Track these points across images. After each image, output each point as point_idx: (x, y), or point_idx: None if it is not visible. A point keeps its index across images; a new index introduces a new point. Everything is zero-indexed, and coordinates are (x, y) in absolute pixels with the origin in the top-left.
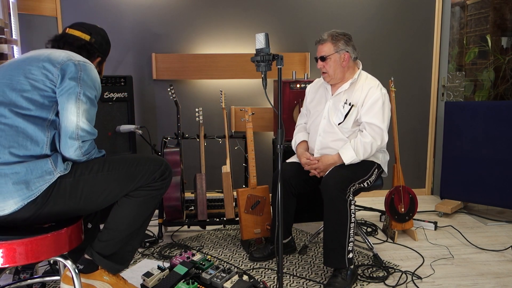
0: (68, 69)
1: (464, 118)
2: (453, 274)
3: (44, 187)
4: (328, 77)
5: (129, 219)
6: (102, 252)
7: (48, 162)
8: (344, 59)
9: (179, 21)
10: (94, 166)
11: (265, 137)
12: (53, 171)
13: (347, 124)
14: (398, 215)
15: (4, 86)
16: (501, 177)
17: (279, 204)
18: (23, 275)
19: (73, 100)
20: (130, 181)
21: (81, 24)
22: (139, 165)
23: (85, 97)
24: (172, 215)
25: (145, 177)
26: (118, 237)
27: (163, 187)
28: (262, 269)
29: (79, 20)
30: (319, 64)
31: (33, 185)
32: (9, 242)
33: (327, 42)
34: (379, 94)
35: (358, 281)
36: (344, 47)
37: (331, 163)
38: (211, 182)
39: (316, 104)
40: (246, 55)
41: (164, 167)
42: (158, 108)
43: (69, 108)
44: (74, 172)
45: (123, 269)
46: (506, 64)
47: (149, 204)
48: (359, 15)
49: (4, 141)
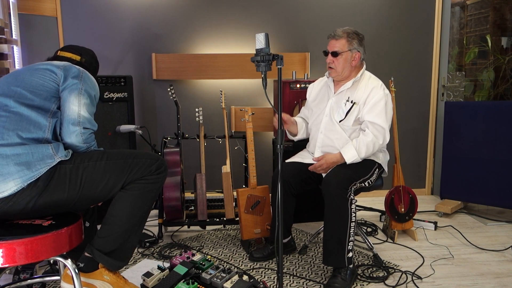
0: (71, 70)
1: (464, 118)
2: (453, 274)
3: (44, 170)
4: (335, 72)
5: (127, 213)
6: (102, 249)
7: (49, 148)
8: (354, 59)
9: (179, 21)
10: (94, 155)
11: (265, 137)
12: (53, 155)
13: (348, 122)
14: (398, 215)
15: (10, 84)
16: (501, 177)
17: (279, 204)
18: (23, 275)
19: (75, 93)
20: (127, 172)
21: (71, 46)
22: (137, 157)
23: (86, 93)
24: (172, 215)
25: (142, 169)
26: (117, 232)
27: (159, 181)
28: (262, 269)
29: (79, 20)
30: (329, 58)
31: (34, 167)
32: (9, 242)
33: (342, 39)
34: (382, 94)
35: (358, 281)
36: (357, 46)
37: (333, 162)
38: (211, 182)
39: (319, 102)
40: (246, 55)
41: (160, 162)
42: (158, 108)
43: (71, 99)
44: (74, 160)
45: (123, 266)
46: (506, 64)
47: (146, 198)
48: (359, 15)
49: (9, 125)
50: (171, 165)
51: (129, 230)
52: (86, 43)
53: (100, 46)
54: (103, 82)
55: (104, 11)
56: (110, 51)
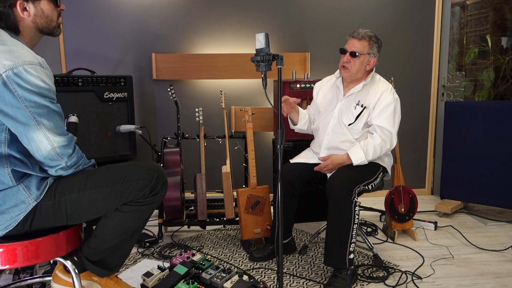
0: (0, 96)
1: (464, 118)
2: (453, 274)
3: (20, 217)
4: (348, 73)
5: (117, 231)
6: (90, 258)
7: (20, 190)
8: (369, 63)
9: (179, 21)
10: (75, 184)
11: (265, 137)
12: (27, 198)
13: (358, 126)
14: (398, 215)
15: None
16: (501, 177)
17: (279, 204)
18: (23, 275)
19: (32, 127)
20: (117, 199)
21: None
22: (126, 180)
23: (39, 115)
24: (172, 215)
25: (133, 193)
26: (105, 246)
27: (154, 202)
28: (262, 269)
29: (79, 20)
30: (346, 57)
31: (9, 215)
32: (9, 244)
33: (364, 41)
34: (392, 98)
35: (358, 281)
36: (376, 52)
37: (339, 163)
38: (211, 182)
39: (327, 103)
40: (246, 55)
41: (155, 182)
42: (158, 108)
43: (34, 138)
44: (53, 193)
45: (112, 274)
46: (506, 64)
47: (139, 217)
48: (359, 15)
49: None
50: (171, 165)
51: (120, 243)
52: (86, 43)
53: (100, 46)
54: (103, 82)
55: (104, 11)
56: (110, 51)
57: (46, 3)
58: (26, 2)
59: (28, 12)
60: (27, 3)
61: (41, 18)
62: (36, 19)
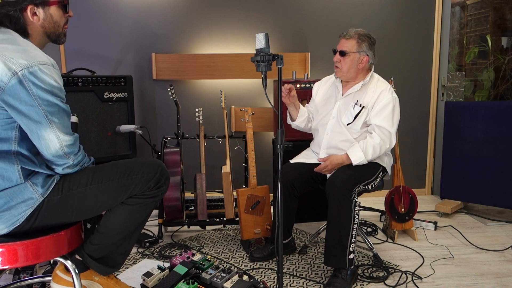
0: (15, 93)
1: (464, 118)
2: (453, 274)
3: (28, 213)
4: (340, 72)
5: (122, 225)
6: (93, 255)
7: (27, 187)
8: (362, 61)
9: (179, 21)
10: (82, 179)
11: (265, 137)
12: (34, 194)
13: (356, 125)
14: (398, 215)
15: None
16: (501, 177)
17: (279, 204)
18: (23, 275)
19: (44, 125)
20: (123, 192)
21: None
22: (132, 174)
23: (51, 113)
24: (172, 215)
25: (138, 186)
26: (109, 242)
27: (159, 195)
28: (262, 269)
29: (79, 20)
30: (336, 57)
31: (16, 211)
32: (10, 244)
33: (352, 39)
34: (390, 97)
35: (358, 281)
36: (367, 50)
37: (339, 163)
38: (211, 182)
39: (326, 103)
40: (246, 55)
41: (159, 175)
42: (158, 108)
43: (45, 136)
44: (61, 188)
45: (114, 272)
46: (506, 64)
47: (143, 211)
48: (359, 15)
49: None
50: (171, 165)
51: (123, 239)
52: (86, 43)
53: (100, 46)
54: (103, 82)
55: (104, 11)
56: (110, 51)
57: (55, 9)
58: (36, 7)
59: (38, 16)
60: (37, 8)
61: (50, 23)
62: (44, 23)
